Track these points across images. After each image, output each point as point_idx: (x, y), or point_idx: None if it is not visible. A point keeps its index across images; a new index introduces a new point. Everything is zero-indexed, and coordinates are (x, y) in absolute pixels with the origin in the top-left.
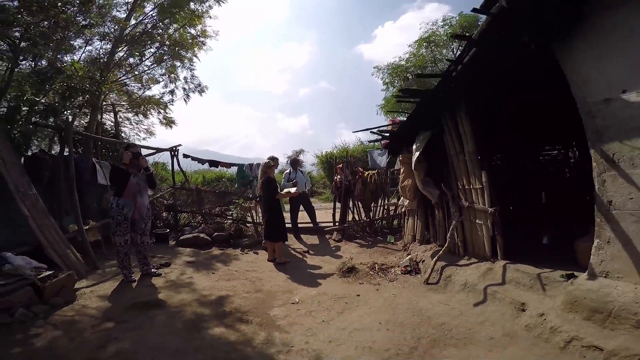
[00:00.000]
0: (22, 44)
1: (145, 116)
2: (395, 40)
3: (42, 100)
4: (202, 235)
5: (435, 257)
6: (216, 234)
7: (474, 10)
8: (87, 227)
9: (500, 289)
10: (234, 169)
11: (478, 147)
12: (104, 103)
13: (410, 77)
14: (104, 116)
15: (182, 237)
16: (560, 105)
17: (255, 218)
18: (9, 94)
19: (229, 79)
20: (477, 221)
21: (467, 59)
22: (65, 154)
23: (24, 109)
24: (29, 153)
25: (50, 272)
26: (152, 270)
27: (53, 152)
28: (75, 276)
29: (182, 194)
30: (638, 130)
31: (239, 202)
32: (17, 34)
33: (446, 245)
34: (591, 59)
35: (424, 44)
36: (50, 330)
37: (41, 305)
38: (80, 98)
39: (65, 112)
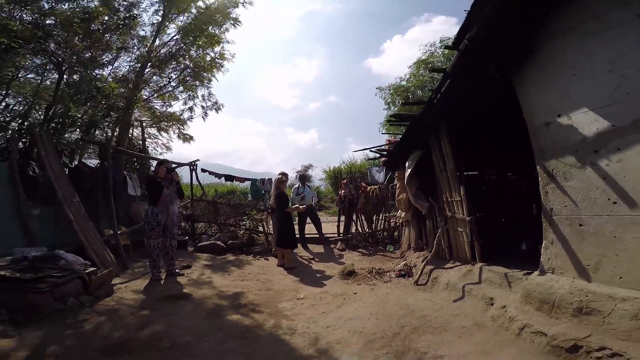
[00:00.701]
0: (53, 59)
1: (167, 132)
2: (403, 54)
3: (84, 117)
4: (218, 242)
5: (424, 262)
6: (230, 241)
7: (447, 47)
8: (119, 232)
9: (476, 287)
10: (248, 183)
11: (457, 165)
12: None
13: (410, 97)
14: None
15: (200, 244)
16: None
17: (265, 228)
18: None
19: (239, 93)
20: (459, 229)
21: (444, 88)
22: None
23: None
24: (72, 165)
25: (93, 269)
26: (177, 270)
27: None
28: (114, 273)
29: (199, 205)
30: (569, 149)
31: (251, 213)
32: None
33: (433, 250)
34: (537, 87)
35: (422, 65)
36: (96, 317)
37: (87, 296)
38: (115, 115)
39: (104, 128)
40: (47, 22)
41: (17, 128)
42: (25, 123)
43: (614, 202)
